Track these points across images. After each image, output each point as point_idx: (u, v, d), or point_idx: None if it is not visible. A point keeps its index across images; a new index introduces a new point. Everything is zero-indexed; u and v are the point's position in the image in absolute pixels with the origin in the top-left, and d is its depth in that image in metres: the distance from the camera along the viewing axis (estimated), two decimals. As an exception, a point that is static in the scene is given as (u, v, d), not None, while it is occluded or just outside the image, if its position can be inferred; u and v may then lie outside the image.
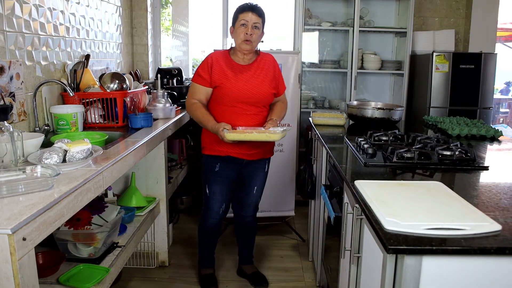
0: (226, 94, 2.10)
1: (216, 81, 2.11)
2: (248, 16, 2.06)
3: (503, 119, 6.52)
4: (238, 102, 2.11)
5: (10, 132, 1.42)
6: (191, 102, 2.15)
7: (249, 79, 2.13)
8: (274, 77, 2.21)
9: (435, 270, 0.93)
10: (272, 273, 2.58)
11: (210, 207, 2.29)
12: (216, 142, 2.14)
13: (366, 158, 1.63)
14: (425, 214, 1.05)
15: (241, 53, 2.14)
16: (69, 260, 1.79)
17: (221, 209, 2.29)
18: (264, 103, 2.19)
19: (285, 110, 2.31)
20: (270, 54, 2.26)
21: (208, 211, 2.30)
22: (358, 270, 1.29)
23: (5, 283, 1.04)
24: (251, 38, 2.06)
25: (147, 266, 2.64)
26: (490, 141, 2.12)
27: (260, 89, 2.14)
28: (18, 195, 1.21)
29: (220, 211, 2.30)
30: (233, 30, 2.13)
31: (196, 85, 2.15)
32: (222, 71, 2.12)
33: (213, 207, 2.28)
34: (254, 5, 2.11)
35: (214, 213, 2.30)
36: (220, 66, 2.12)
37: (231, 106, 2.12)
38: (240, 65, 2.15)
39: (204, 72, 2.12)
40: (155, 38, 3.91)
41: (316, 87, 4.02)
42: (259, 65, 2.18)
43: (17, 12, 1.99)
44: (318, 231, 2.39)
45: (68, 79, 2.45)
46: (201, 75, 2.13)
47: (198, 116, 2.11)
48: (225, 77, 2.11)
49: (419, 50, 3.76)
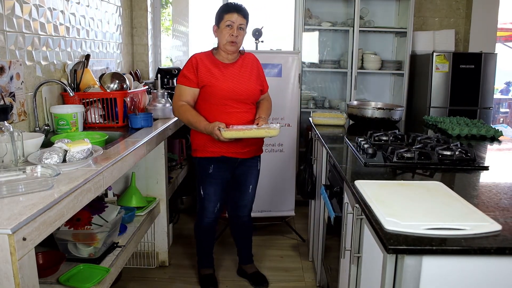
0: (215, 92, 2.08)
1: (204, 81, 2.09)
2: (234, 17, 2.05)
3: (503, 119, 6.52)
4: (228, 100, 2.10)
5: (10, 132, 1.42)
6: (178, 104, 2.11)
7: (236, 76, 2.13)
8: (259, 74, 2.24)
9: (435, 270, 0.93)
10: (272, 273, 2.58)
11: (205, 207, 2.28)
12: (209, 143, 2.14)
13: (366, 158, 1.63)
14: (425, 214, 1.05)
15: (225, 53, 2.13)
16: (69, 260, 1.79)
17: (216, 209, 2.29)
18: (253, 100, 2.19)
19: (271, 108, 2.33)
20: (251, 53, 2.28)
21: (203, 211, 2.30)
22: (358, 270, 1.29)
23: (5, 283, 1.04)
24: (236, 40, 2.06)
25: (147, 266, 2.64)
26: (490, 141, 2.12)
27: (248, 86, 2.14)
28: (18, 195, 1.21)
29: (215, 210, 2.29)
30: (216, 29, 2.11)
31: (182, 87, 2.12)
32: (208, 70, 2.10)
33: (208, 207, 2.27)
34: (239, 5, 2.09)
35: (209, 213, 2.29)
36: (206, 65, 2.11)
37: (221, 104, 2.10)
38: (225, 64, 2.15)
39: (190, 73, 2.10)
40: (155, 38, 3.91)
41: (316, 87, 4.02)
42: (243, 62, 2.19)
43: (17, 12, 1.99)
44: (318, 231, 2.39)
45: (68, 79, 2.45)
46: (187, 76, 2.10)
47: (188, 118, 2.08)
48: (212, 76, 2.09)
49: (419, 50, 3.76)
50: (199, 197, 2.29)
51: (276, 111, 3.11)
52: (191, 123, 2.09)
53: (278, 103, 3.10)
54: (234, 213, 2.43)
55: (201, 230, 2.38)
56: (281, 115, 3.12)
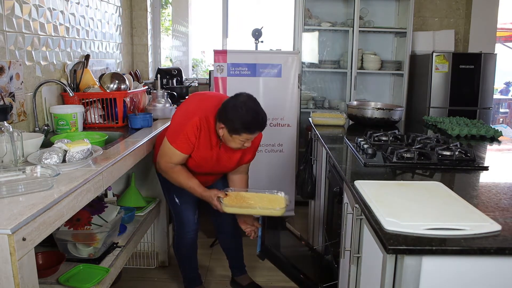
0: (194, 161, 1.91)
1: (198, 148, 1.89)
2: (255, 135, 1.83)
3: (503, 119, 6.52)
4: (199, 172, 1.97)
5: (10, 132, 1.42)
6: (169, 166, 1.89)
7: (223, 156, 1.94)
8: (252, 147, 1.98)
9: (435, 270, 0.93)
10: (272, 273, 2.58)
11: (185, 219, 2.11)
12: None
13: (366, 158, 1.63)
14: (425, 214, 1.05)
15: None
16: (69, 260, 1.79)
17: (195, 217, 2.13)
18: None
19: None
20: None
21: (183, 225, 2.12)
22: (358, 270, 1.29)
23: (5, 283, 1.04)
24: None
25: (147, 266, 2.63)
26: (490, 141, 2.12)
27: (228, 165, 1.98)
28: (18, 195, 1.21)
29: (195, 219, 2.13)
30: (224, 131, 1.80)
31: (176, 151, 1.85)
32: (207, 144, 1.88)
33: (188, 216, 2.10)
34: (264, 121, 1.80)
35: (190, 224, 2.12)
36: (208, 137, 1.88)
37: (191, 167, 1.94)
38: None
39: (192, 139, 1.84)
40: (155, 38, 3.91)
41: (316, 87, 4.02)
42: None
43: (17, 12, 1.99)
44: (318, 231, 2.39)
45: (68, 79, 2.45)
46: (189, 141, 1.84)
47: (181, 182, 1.89)
48: (206, 150, 1.89)
49: (419, 50, 3.76)
50: (175, 209, 2.11)
51: (276, 111, 3.11)
52: (183, 187, 1.91)
53: (278, 103, 3.11)
54: (220, 222, 2.25)
55: (185, 248, 2.18)
56: (281, 115, 3.13)
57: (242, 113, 1.73)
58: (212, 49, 3.11)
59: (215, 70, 3.08)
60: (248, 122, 1.74)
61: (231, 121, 1.75)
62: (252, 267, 2.61)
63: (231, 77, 3.07)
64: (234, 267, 2.42)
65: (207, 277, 2.55)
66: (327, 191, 2.20)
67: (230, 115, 1.75)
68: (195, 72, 4.86)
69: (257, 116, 1.76)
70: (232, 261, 2.41)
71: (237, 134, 1.77)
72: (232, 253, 2.38)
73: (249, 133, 1.77)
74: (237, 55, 3.07)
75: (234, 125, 1.75)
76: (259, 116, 1.77)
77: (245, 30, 3.61)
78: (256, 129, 1.79)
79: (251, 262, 2.60)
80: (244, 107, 1.74)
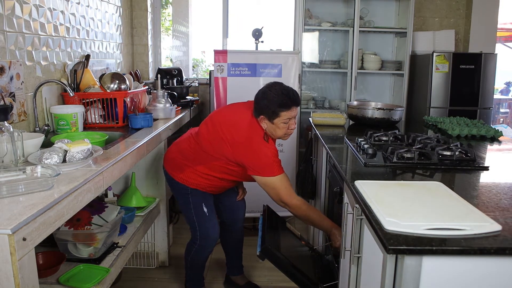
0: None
1: None
2: (293, 112, 1.84)
3: (503, 119, 6.52)
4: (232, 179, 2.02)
5: (10, 132, 1.42)
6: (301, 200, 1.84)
7: None
8: None
9: (435, 270, 0.93)
10: (272, 273, 2.58)
11: (211, 231, 2.06)
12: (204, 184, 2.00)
13: (366, 158, 1.63)
14: (425, 214, 1.05)
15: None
16: (69, 260, 1.79)
17: (216, 230, 2.09)
18: None
19: None
20: None
21: (207, 239, 2.07)
22: (358, 270, 1.29)
23: (5, 283, 1.04)
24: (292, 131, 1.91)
25: (147, 266, 2.63)
26: (490, 141, 2.12)
27: None
28: (18, 195, 1.21)
29: (217, 234, 2.09)
30: (266, 122, 1.85)
31: (283, 176, 1.84)
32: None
33: (215, 228, 2.07)
34: (296, 95, 1.85)
35: (216, 237, 2.09)
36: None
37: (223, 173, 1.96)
38: None
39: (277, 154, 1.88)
40: (155, 38, 3.91)
41: (316, 87, 4.02)
42: None
43: (17, 12, 1.99)
44: (318, 231, 2.39)
45: (68, 79, 2.45)
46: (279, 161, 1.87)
47: (315, 219, 1.83)
48: None
49: (419, 50, 3.76)
50: (200, 218, 2.05)
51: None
52: (315, 223, 1.87)
53: (278, 103, 3.10)
54: (231, 218, 2.28)
55: (202, 260, 2.19)
56: (281, 115, 3.12)
57: (272, 94, 1.81)
58: (212, 49, 3.11)
59: (215, 70, 3.08)
60: (281, 99, 1.80)
61: (266, 107, 1.82)
62: (251, 267, 2.61)
63: (231, 77, 3.07)
64: (234, 265, 2.42)
65: (207, 277, 2.55)
66: (327, 191, 2.21)
67: (263, 102, 1.83)
68: (196, 72, 4.86)
69: (287, 92, 1.82)
70: (233, 259, 2.42)
71: (276, 116, 1.82)
72: (234, 251, 2.40)
73: (286, 109, 1.81)
74: (238, 55, 3.07)
75: (270, 108, 1.81)
76: (289, 92, 1.83)
77: (245, 30, 3.61)
78: (292, 104, 1.82)
79: (250, 262, 2.60)
80: (272, 89, 1.83)
